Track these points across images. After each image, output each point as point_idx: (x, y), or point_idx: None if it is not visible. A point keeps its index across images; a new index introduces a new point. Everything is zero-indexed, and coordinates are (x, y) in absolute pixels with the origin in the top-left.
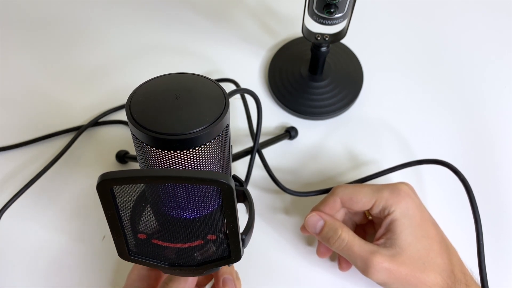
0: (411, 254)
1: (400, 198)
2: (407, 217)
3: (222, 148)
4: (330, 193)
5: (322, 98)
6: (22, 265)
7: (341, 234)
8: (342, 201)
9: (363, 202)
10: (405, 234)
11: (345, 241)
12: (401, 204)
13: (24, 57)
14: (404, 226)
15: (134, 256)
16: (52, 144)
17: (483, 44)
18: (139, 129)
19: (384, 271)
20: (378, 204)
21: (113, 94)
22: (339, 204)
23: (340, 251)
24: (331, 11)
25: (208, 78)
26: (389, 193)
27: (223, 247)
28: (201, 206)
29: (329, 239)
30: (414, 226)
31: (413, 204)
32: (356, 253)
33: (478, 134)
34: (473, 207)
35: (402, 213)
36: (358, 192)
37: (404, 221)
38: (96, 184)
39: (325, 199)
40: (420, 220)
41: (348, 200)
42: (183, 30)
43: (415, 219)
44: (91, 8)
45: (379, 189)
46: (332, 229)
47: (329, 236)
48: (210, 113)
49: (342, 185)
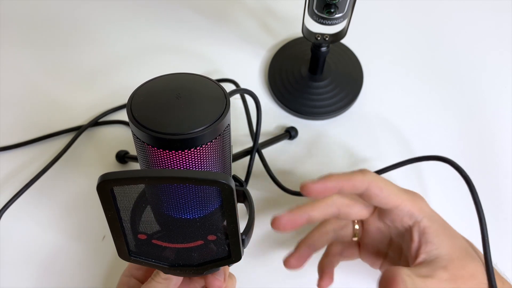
0: (459, 257)
1: (423, 205)
2: (436, 222)
3: (223, 148)
4: (359, 172)
5: (322, 98)
6: (22, 265)
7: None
8: (370, 187)
9: (390, 198)
10: (444, 240)
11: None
12: (425, 210)
13: (24, 57)
14: (439, 232)
15: (134, 256)
16: (52, 144)
17: (483, 42)
18: (140, 129)
19: (450, 282)
20: (403, 207)
21: (113, 94)
22: (365, 187)
23: None
24: (331, 11)
25: (208, 78)
26: (412, 198)
27: (223, 247)
28: (201, 207)
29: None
30: (445, 230)
31: (432, 210)
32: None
33: (479, 131)
34: (476, 202)
35: (430, 219)
36: (389, 186)
37: (436, 227)
38: (96, 185)
39: (352, 175)
40: (444, 223)
41: (377, 189)
42: (183, 30)
43: (442, 223)
44: (91, 8)
45: (405, 192)
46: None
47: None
48: (211, 113)
49: (372, 172)
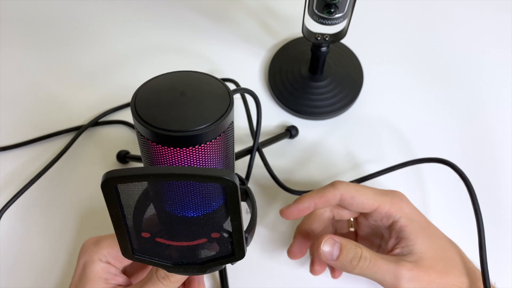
0: (433, 257)
1: (403, 204)
2: (414, 221)
3: (226, 146)
4: (331, 185)
5: (322, 98)
6: (22, 265)
7: (362, 252)
8: (342, 198)
9: (364, 204)
10: (420, 238)
11: (368, 259)
12: (404, 210)
13: (25, 57)
14: (416, 230)
15: (138, 255)
16: (52, 144)
17: (483, 43)
18: (144, 126)
19: (415, 280)
20: (381, 210)
21: (114, 94)
22: (337, 199)
23: (364, 271)
24: (331, 11)
25: (212, 76)
26: (390, 199)
27: (226, 245)
28: (205, 204)
29: (351, 261)
30: (424, 229)
31: (414, 209)
32: (383, 268)
33: (479, 133)
34: (475, 205)
35: (409, 219)
36: (362, 192)
37: (414, 226)
38: (101, 182)
39: (323, 190)
40: (426, 223)
41: (349, 198)
42: (183, 30)
43: (421, 222)
44: (91, 8)
45: (382, 194)
46: (351, 249)
47: (349, 258)
48: (215, 110)
49: (344, 182)
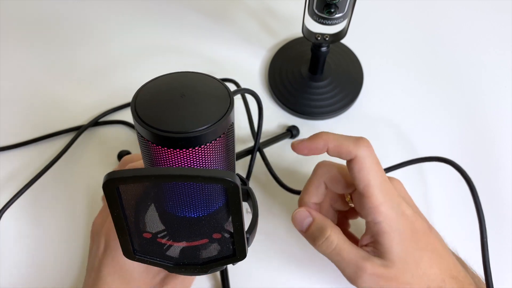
0: (401, 268)
1: (388, 203)
2: (397, 231)
3: (227, 147)
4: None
5: (322, 98)
6: (22, 265)
7: (329, 235)
8: (356, 160)
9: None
10: (395, 249)
11: (333, 244)
12: (389, 215)
13: (25, 56)
14: (394, 241)
15: (139, 255)
16: (52, 144)
17: (483, 42)
18: (144, 127)
19: (375, 279)
20: (369, 202)
21: (114, 94)
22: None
23: (327, 254)
24: (331, 11)
25: (212, 77)
26: (385, 198)
27: (228, 245)
28: (206, 205)
29: (316, 239)
30: (404, 240)
31: (402, 216)
32: (346, 258)
33: (480, 131)
34: (477, 204)
35: (391, 227)
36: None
37: (394, 236)
38: (102, 183)
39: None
40: (410, 232)
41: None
42: (183, 30)
43: (405, 232)
44: (92, 7)
45: (385, 189)
46: (319, 228)
47: (315, 236)
48: (215, 111)
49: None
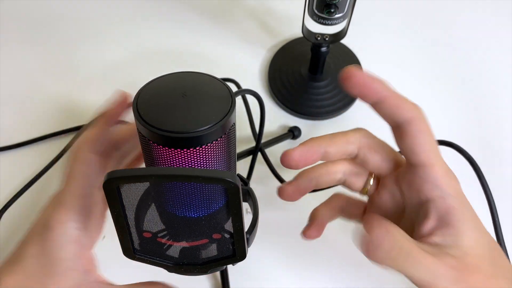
0: (480, 255)
1: (456, 183)
2: (465, 207)
3: (228, 147)
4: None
5: (322, 98)
6: None
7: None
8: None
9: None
10: (470, 228)
11: (403, 249)
12: (457, 188)
13: (25, 57)
14: (466, 217)
15: (139, 254)
16: (52, 144)
17: (483, 43)
18: (146, 127)
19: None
20: (431, 171)
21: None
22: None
23: (394, 263)
24: (331, 11)
25: (214, 77)
26: (447, 169)
27: (228, 246)
28: (206, 205)
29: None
30: (474, 217)
31: (463, 193)
32: (419, 261)
33: (480, 129)
34: (484, 185)
35: (459, 200)
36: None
37: (465, 212)
38: (103, 183)
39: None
40: (473, 211)
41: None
42: (183, 30)
43: (471, 209)
44: (93, 7)
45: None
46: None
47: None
48: (216, 111)
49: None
